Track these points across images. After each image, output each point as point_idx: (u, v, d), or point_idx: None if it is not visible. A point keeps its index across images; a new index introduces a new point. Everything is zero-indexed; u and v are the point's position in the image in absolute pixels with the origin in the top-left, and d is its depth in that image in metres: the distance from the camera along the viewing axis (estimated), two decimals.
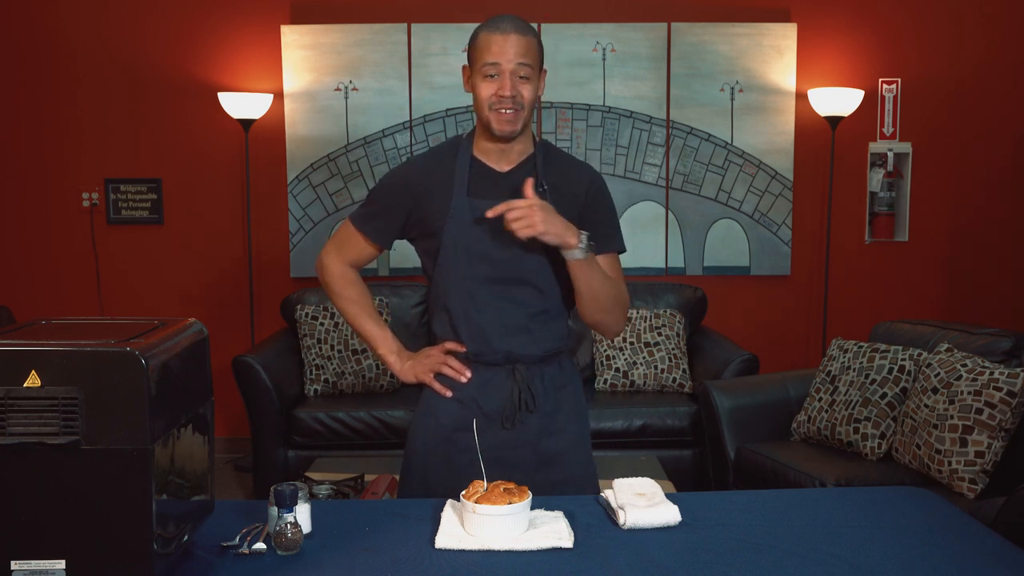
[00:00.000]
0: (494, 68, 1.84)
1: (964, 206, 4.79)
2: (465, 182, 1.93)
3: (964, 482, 2.82)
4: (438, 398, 2.00)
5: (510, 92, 1.84)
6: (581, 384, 2.10)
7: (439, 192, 1.93)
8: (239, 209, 4.73)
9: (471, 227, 1.90)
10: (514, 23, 1.85)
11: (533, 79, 1.87)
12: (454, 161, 1.95)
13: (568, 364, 2.04)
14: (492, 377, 1.95)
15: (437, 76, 4.64)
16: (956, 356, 3.04)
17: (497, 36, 1.83)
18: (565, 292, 1.97)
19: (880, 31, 4.68)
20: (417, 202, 1.95)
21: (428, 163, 2.00)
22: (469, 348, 1.95)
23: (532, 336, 1.94)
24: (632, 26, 4.63)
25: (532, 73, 1.86)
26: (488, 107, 1.86)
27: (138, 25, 4.65)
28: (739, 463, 3.42)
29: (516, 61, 1.83)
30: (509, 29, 1.83)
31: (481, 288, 1.92)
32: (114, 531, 1.27)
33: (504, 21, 1.85)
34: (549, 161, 1.98)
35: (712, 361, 4.16)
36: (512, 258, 1.91)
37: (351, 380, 4.18)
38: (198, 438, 1.48)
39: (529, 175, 1.91)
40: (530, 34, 1.86)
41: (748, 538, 1.58)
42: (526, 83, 1.85)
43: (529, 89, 1.86)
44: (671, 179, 4.70)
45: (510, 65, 1.83)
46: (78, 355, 1.26)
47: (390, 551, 1.52)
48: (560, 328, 1.99)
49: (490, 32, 1.85)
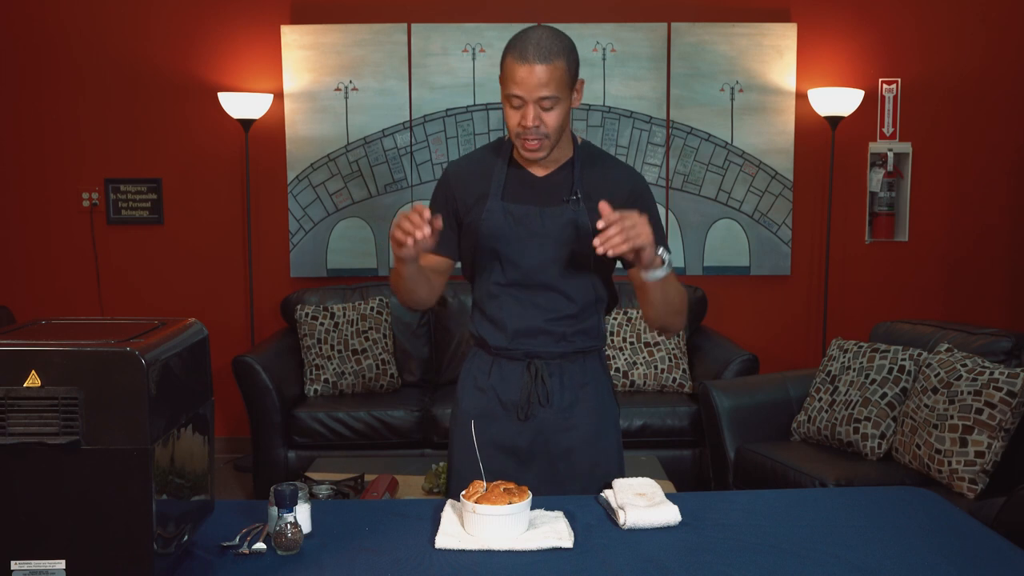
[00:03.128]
0: (518, 100, 1.82)
1: (964, 206, 4.78)
2: (501, 185, 1.94)
3: (964, 482, 2.82)
4: (466, 387, 2.04)
5: (532, 123, 1.82)
6: (609, 384, 2.08)
7: (476, 193, 1.95)
8: (239, 209, 4.73)
9: (503, 231, 1.92)
10: (539, 50, 1.78)
11: (560, 103, 1.83)
12: (494, 163, 1.97)
13: (594, 363, 2.03)
14: (512, 370, 1.98)
15: (437, 76, 4.64)
16: (956, 356, 3.04)
17: (522, 67, 1.78)
18: (595, 297, 1.99)
19: (880, 31, 4.68)
20: (458, 201, 1.98)
21: (469, 163, 2.03)
22: (492, 343, 1.98)
23: (554, 336, 1.96)
24: (632, 26, 4.63)
25: (557, 100, 1.82)
26: (515, 134, 1.87)
27: (138, 25, 4.65)
28: (739, 463, 3.41)
29: (539, 94, 1.80)
30: (533, 58, 1.77)
31: (506, 291, 1.95)
32: (114, 531, 1.27)
33: (529, 48, 1.78)
34: (588, 165, 1.96)
35: (712, 361, 4.16)
36: (540, 265, 1.93)
37: (351, 380, 4.18)
38: (198, 438, 1.48)
39: (566, 181, 1.93)
40: (557, 58, 1.79)
41: (748, 538, 1.58)
42: (551, 112, 1.82)
43: (555, 115, 1.83)
44: (671, 179, 4.70)
45: (533, 97, 1.80)
46: (78, 355, 1.26)
47: (390, 551, 1.52)
48: (589, 330, 1.99)
49: (515, 60, 1.80)
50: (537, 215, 1.92)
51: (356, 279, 4.68)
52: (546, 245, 1.92)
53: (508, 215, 1.92)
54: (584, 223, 1.90)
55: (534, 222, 1.92)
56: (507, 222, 1.92)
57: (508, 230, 1.92)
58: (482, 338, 2.00)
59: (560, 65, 1.80)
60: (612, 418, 2.06)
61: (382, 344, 4.29)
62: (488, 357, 2.01)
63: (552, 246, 1.92)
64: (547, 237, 1.92)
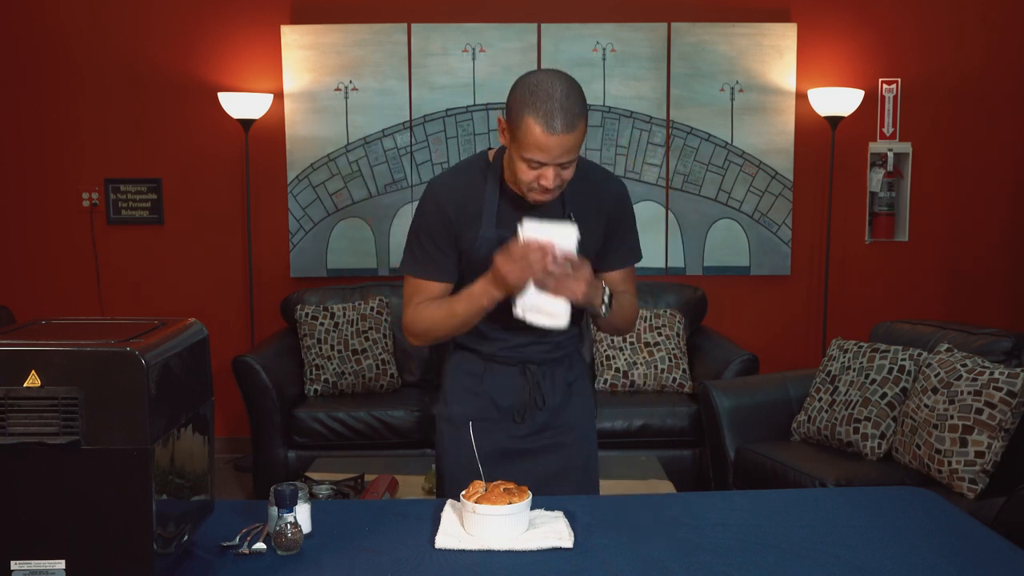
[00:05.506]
0: (537, 164, 1.77)
1: (964, 206, 4.78)
2: (494, 213, 1.92)
3: (964, 482, 2.82)
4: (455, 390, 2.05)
5: (553, 185, 1.79)
6: (590, 378, 2.17)
7: (469, 215, 1.93)
8: (239, 209, 4.73)
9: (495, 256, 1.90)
10: (566, 118, 1.71)
11: (576, 157, 1.81)
12: (483, 186, 1.93)
13: (578, 361, 2.11)
14: (505, 375, 2.02)
15: (437, 76, 4.64)
16: (956, 356, 3.04)
17: (549, 137, 1.72)
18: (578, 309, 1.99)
19: (880, 31, 4.68)
20: (454, 225, 1.94)
21: (457, 186, 1.96)
22: (486, 353, 2.02)
23: (546, 346, 2.02)
24: (632, 26, 4.63)
25: (575, 156, 1.79)
26: (527, 188, 1.82)
27: (138, 25, 4.65)
28: (739, 463, 3.41)
29: (562, 160, 1.76)
30: (562, 129, 1.71)
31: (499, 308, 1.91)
32: (114, 531, 1.27)
33: (556, 116, 1.71)
34: (577, 182, 1.92)
35: (712, 361, 4.16)
36: None
37: (351, 380, 4.18)
38: (198, 438, 1.48)
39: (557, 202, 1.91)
40: (580, 121, 1.74)
41: (748, 538, 1.58)
42: (568, 168, 1.80)
43: (572, 170, 1.81)
44: (671, 179, 4.70)
45: (556, 162, 1.76)
46: (78, 355, 1.26)
47: (390, 551, 1.52)
48: (572, 333, 2.04)
49: (541, 128, 1.71)
50: None
51: (356, 279, 4.68)
52: None
53: (502, 242, 1.88)
54: None
55: None
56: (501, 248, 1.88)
57: None
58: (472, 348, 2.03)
59: (583, 127, 1.76)
60: (593, 414, 2.14)
61: (382, 344, 4.29)
62: (479, 361, 2.03)
63: None
64: None
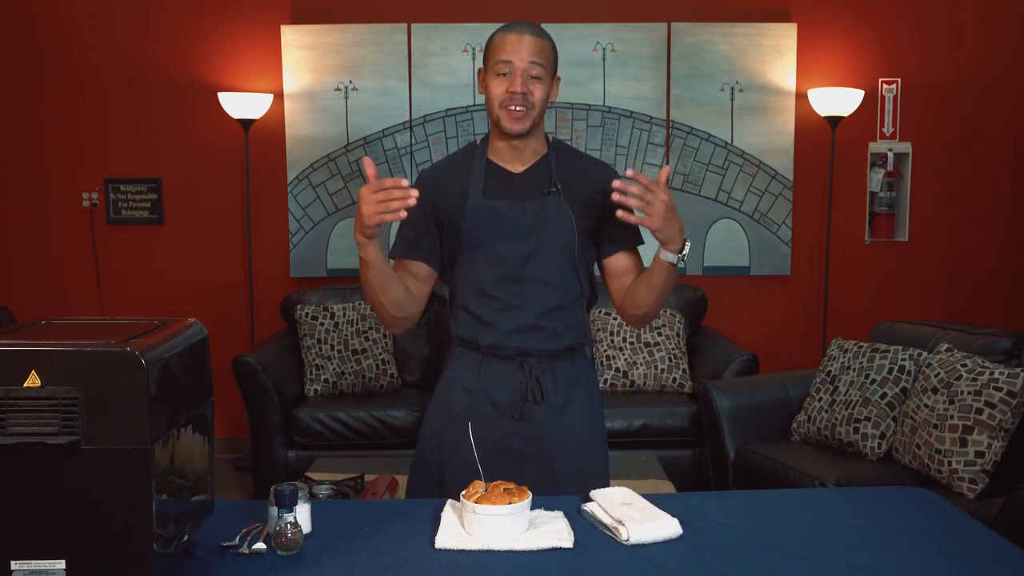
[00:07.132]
0: (507, 66, 1.88)
1: (964, 206, 4.78)
2: (481, 183, 1.96)
3: (964, 482, 2.82)
4: (449, 387, 2.02)
5: (520, 89, 1.88)
6: (596, 381, 2.12)
7: (456, 195, 1.96)
8: (239, 209, 4.73)
9: (487, 228, 1.94)
10: (530, 26, 1.91)
11: (545, 80, 1.91)
12: (469, 165, 1.99)
13: (583, 361, 2.06)
14: (503, 369, 1.98)
15: (437, 76, 4.64)
16: (956, 356, 3.04)
17: (512, 36, 1.89)
18: (581, 290, 2.00)
19: (880, 31, 4.68)
20: (437, 205, 1.97)
21: (443, 169, 2.04)
22: (483, 343, 1.97)
23: (544, 332, 1.97)
24: (632, 26, 4.63)
25: (544, 74, 1.91)
26: (499, 104, 1.91)
27: (138, 25, 4.65)
28: (739, 463, 3.41)
29: (528, 60, 1.88)
30: (524, 31, 1.89)
31: (496, 287, 1.95)
32: (114, 531, 1.27)
33: (520, 24, 1.92)
34: (563, 160, 2.01)
35: (712, 361, 4.16)
36: (527, 257, 1.94)
37: (351, 380, 4.18)
38: (198, 438, 1.48)
39: (543, 175, 1.96)
40: (544, 38, 1.92)
41: (748, 538, 1.58)
42: (537, 83, 1.90)
43: (540, 89, 1.91)
44: (671, 179, 4.70)
45: (522, 64, 1.88)
46: (78, 355, 1.26)
47: (390, 551, 1.52)
48: (576, 325, 2.01)
49: (505, 32, 1.90)
50: (519, 209, 1.94)
51: (356, 279, 4.68)
52: (531, 238, 1.94)
53: (491, 211, 1.93)
54: (566, 214, 1.94)
55: (517, 216, 1.94)
56: (490, 218, 1.93)
57: (492, 226, 1.94)
58: (470, 339, 1.99)
59: (547, 45, 1.92)
60: (601, 417, 2.10)
61: (382, 344, 4.29)
62: (477, 357, 2.00)
63: (536, 239, 1.94)
64: (531, 230, 1.94)
